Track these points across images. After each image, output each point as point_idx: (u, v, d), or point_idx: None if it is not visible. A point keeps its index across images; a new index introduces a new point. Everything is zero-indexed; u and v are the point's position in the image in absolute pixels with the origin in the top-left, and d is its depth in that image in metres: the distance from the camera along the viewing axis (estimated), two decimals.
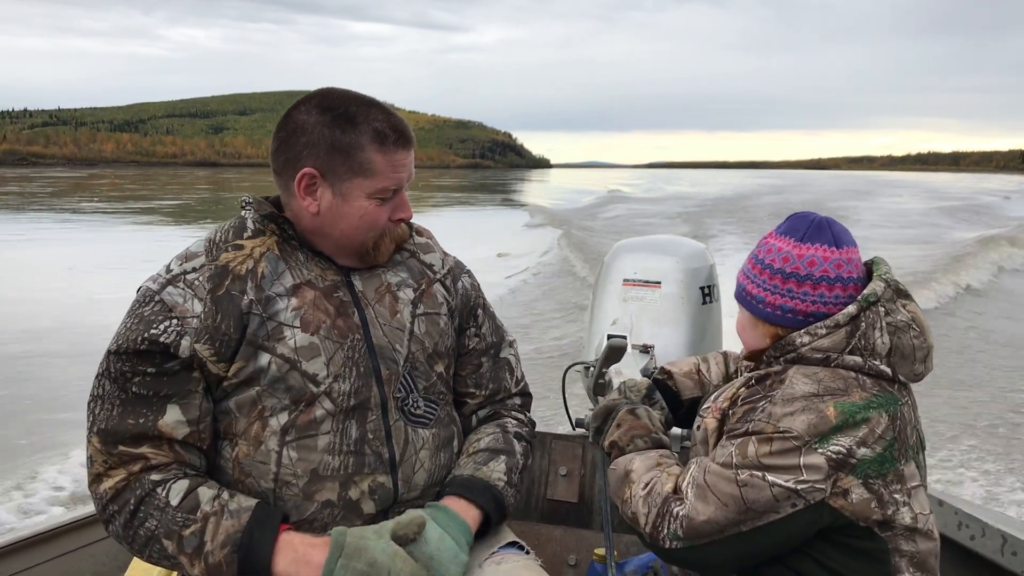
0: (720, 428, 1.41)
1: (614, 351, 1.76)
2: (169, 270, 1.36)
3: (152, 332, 1.29)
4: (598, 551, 1.95)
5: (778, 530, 1.29)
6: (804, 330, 1.36)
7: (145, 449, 1.29)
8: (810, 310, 1.37)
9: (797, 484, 1.26)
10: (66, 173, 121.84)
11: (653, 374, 1.80)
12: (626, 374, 1.82)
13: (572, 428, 1.96)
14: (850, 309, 1.35)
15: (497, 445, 1.57)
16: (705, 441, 1.44)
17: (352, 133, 1.35)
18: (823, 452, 1.26)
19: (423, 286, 1.53)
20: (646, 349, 2.02)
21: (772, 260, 1.40)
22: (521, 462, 1.59)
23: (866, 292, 1.36)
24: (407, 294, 1.50)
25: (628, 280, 2.12)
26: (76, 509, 2.05)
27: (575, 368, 2.03)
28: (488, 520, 1.48)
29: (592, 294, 2.23)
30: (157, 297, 1.32)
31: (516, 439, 1.61)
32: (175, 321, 1.30)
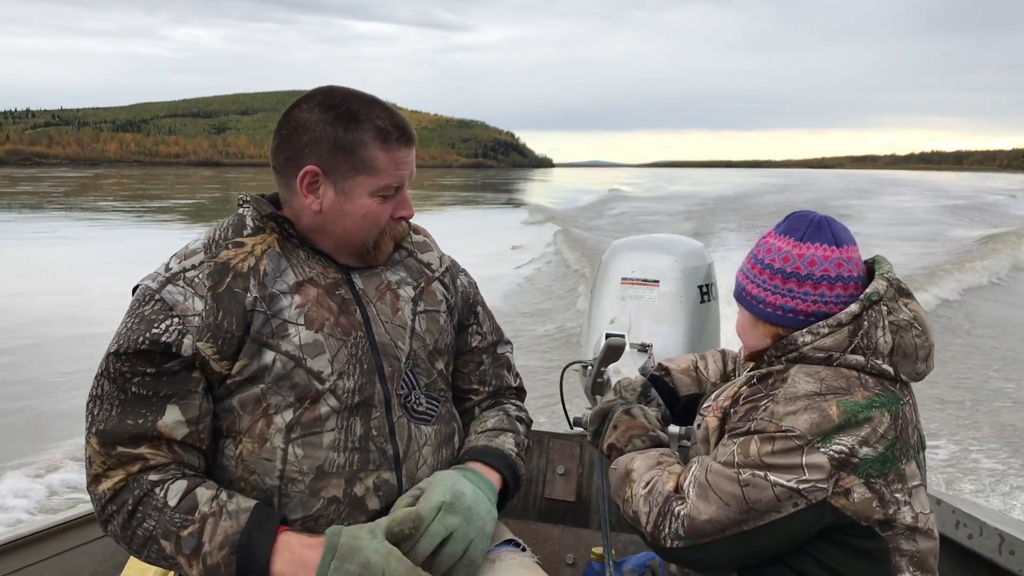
0: (721, 427, 1.41)
1: (612, 350, 1.76)
2: (168, 268, 1.35)
3: (154, 332, 1.28)
4: (596, 550, 1.95)
5: (780, 529, 1.28)
6: (806, 329, 1.36)
7: (144, 449, 1.28)
8: (811, 310, 1.37)
9: (799, 484, 1.26)
10: (72, 173, 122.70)
11: (650, 372, 1.80)
12: (624, 373, 1.81)
13: (570, 427, 1.96)
14: (853, 308, 1.34)
15: (503, 425, 1.62)
16: (706, 440, 1.44)
17: (355, 131, 1.35)
18: (825, 451, 1.26)
19: (422, 284, 1.54)
20: (644, 348, 2.02)
21: (772, 260, 1.40)
22: (525, 443, 1.64)
23: (869, 291, 1.36)
24: (407, 292, 1.51)
25: (626, 279, 2.12)
26: (73, 508, 2.04)
27: (573, 367, 2.03)
28: (506, 487, 1.52)
29: (590, 292, 2.23)
30: (157, 296, 1.31)
31: (519, 422, 1.66)
32: (176, 320, 1.29)
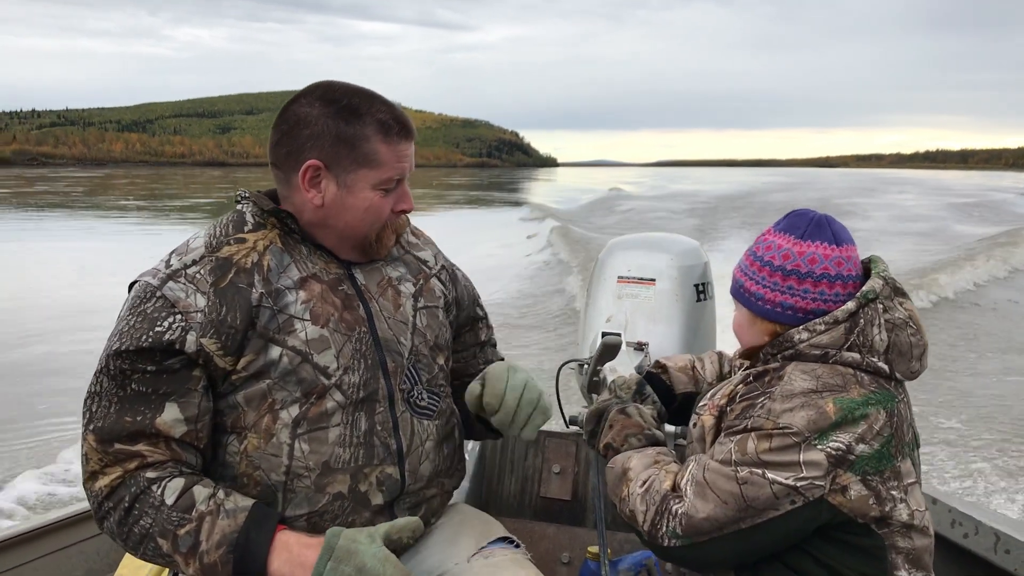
0: (718, 425, 1.40)
1: (608, 348, 1.76)
2: (168, 265, 1.34)
3: (157, 330, 1.27)
4: (591, 549, 1.94)
5: (777, 527, 1.28)
6: (803, 326, 1.36)
7: (141, 447, 1.28)
8: (810, 307, 1.37)
9: (797, 481, 1.26)
10: (81, 173, 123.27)
11: (646, 369, 1.80)
12: (620, 371, 1.81)
13: (566, 426, 1.96)
14: (849, 305, 1.35)
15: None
16: (702, 439, 1.43)
17: (357, 125, 1.36)
18: (822, 448, 1.26)
19: (421, 281, 1.55)
20: (640, 346, 2.02)
21: (772, 257, 1.39)
22: None
23: (865, 289, 1.36)
24: (408, 288, 1.52)
25: (622, 277, 2.12)
26: (68, 506, 2.05)
27: (569, 366, 2.03)
28: None
29: (586, 291, 2.23)
30: (159, 293, 1.30)
31: None
32: (179, 316, 1.28)
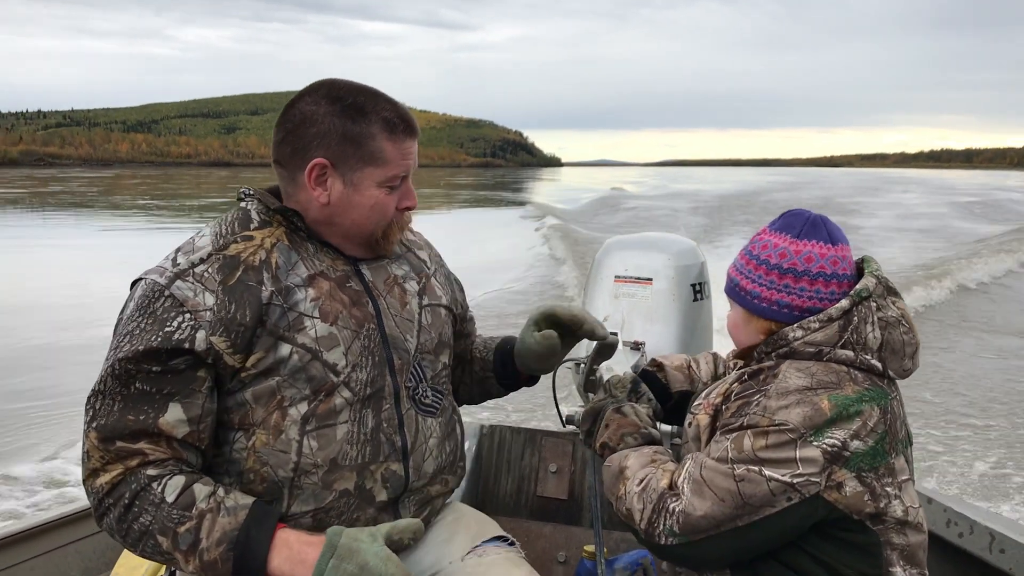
0: (713, 424, 1.41)
1: (605, 348, 1.76)
2: (176, 264, 1.34)
3: (167, 330, 1.27)
4: (588, 548, 1.94)
5: (774, 524, 1.29)
6: (797, 324, 1.37)
7: (143, 445, 1.28)
8: (806, 305, 1.38)
9: (793, 478, 1.27)
10: (89, 173, 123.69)
11: (642, 367, 1.80)
12: (617, 371, 1.81)
13: (563, 425, 1.96)
14: (843, 303, 1.36)
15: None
16: (697, 438, 1.44)
17: (363, 123, 1.36)
18: (818, 445, 1.27)
19: (424, 279, 1.57)
20: (637, 346, 2.02)
21: (768, 256, 1.41)
22: None
23: (858, 287, 1.37)
24: (412, 286, 1.53)
25: (619, 277, 2.12)
26: (64, 505, 2.05)
27: (566, 365, 2.03)
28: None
29: (583, 290, 2.24)
30: (167, 292, 1.30)
31: None
32: (188, 316, 1.28)
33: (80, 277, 13.12)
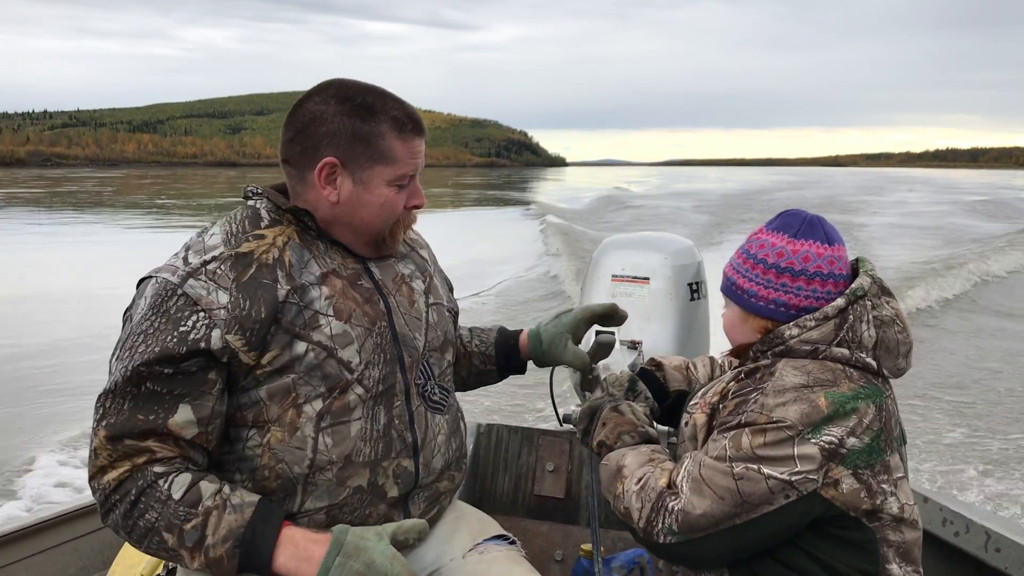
0: (709, 423, 1.41)
1: (602, 347, 1.77)
2: (187, 262, 1.34)
3: (182, 330, 1.28)
4: (585, 547, 1.95)
5: (771, 522, 1.30)
6: (793, 323, 1.39)
7: (151, 443, 1.28)
8: (803, 304, 1.39)
9: (792, 476, 1.28)
10: (98, 173, 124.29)
11: (639, 366, 1.81)
12: (614, 370, 1.82)
13: (560, 424, 1.96)
14: (839, 302, 1.37)
15: None
16: (694, 437, 1.44)
17: (372, 122, 1.38)
18: (816, 442, 1.28)
19: (428, 278, 1.58)
20: (634, 345, 2.02)
21: (766, 255, 1.42)
22: None
23: (854, 286, 1.39)
24: (419, 285, 1.55)
25: (617, 276, 2.12)
26: (61, 503, 2.06)
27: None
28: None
29: (580, 289, 2.24)
30: (180, 291, 1.30)
31: None
32: (202, 314, 1.29)
33: (122, 272, 13.47)
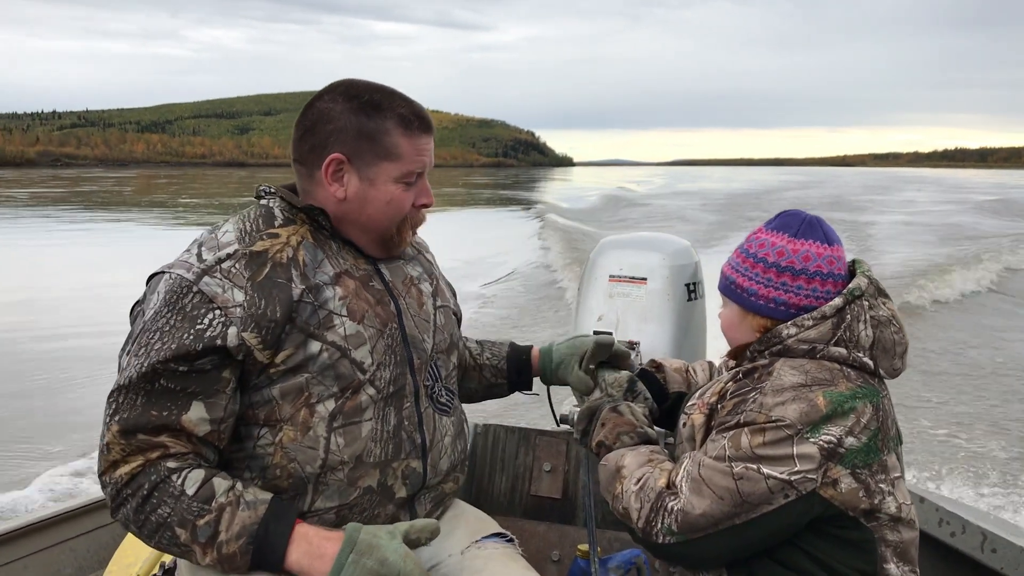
0: (707, 424, 1.41)
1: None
2: (201, 259, 1.34)
3: (198, 327, 1.28)
4: (581, 547, 1.94)
5: (771, 522, 1.30)
6: (791, 322, 1.39)
7: (164, 438, 1.29)
8: (802, 304, 1.40)
9: (791, 475, 1.28)
10: (109, 173, 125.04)
11: (639, 367, 1.81)
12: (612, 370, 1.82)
13: (557, 424, 1.96)
14: (836, 301, 1.38)
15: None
16: (692, 438, 1.44)
17: (378, 119, 1.39)
18: (815, 442, 1.28)
19: (434, 281, 1.60)
20: (632, 345, 2.02)
21: (766, 254, 1.42)
22: None
23: (851, 286, 1.39)
24: (427, 287, 1.56)
25: (614, 276, 2.12)
26: (58, 503, 2.06)
27: None
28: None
29: (578, 290, 2.24)
30: (195, 288, 1.30)
31: None
32: (218, 312, 1.29)
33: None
